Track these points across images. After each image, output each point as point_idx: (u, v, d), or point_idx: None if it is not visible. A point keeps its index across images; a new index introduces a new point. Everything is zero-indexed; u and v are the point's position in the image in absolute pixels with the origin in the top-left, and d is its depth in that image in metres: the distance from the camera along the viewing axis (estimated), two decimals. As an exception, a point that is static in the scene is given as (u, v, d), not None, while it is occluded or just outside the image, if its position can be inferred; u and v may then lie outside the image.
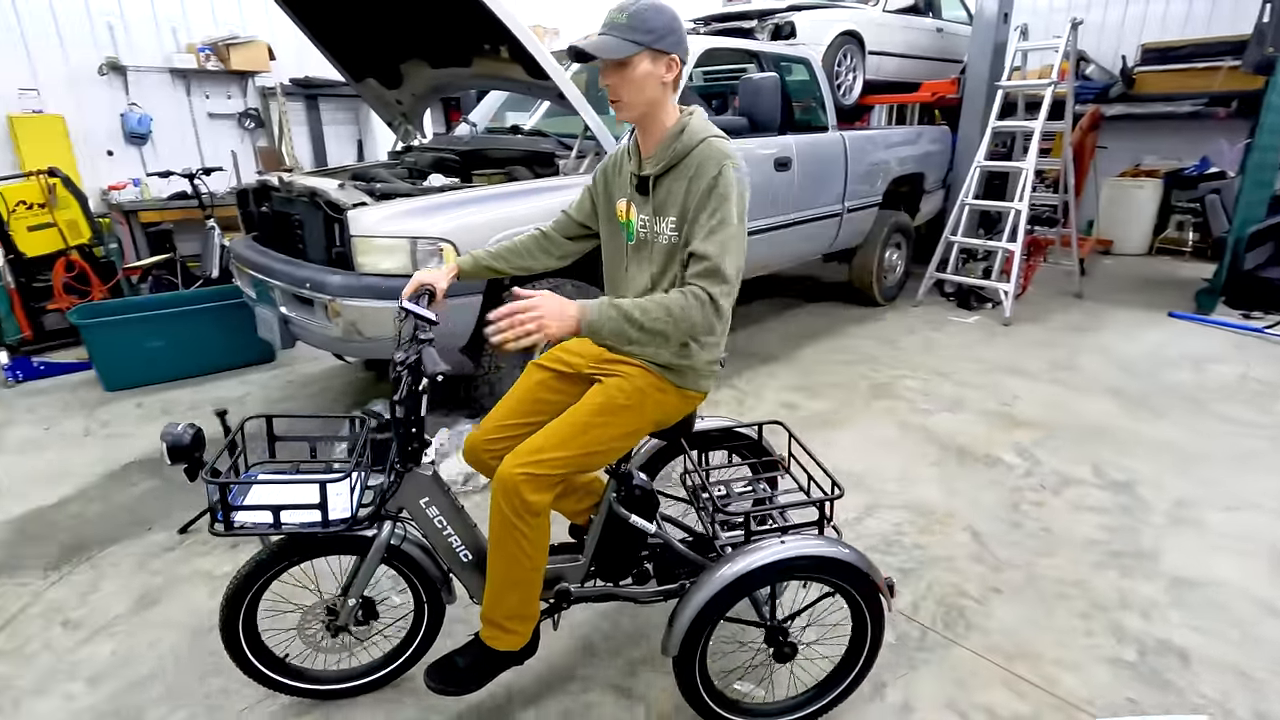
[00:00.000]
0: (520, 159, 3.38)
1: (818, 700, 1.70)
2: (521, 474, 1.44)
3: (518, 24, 2.69)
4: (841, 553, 1.56)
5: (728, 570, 1.51)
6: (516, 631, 1.58)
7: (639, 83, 1.47)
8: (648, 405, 1.56)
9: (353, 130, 7.01)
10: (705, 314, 1.41)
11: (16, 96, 5.18)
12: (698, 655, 1.57)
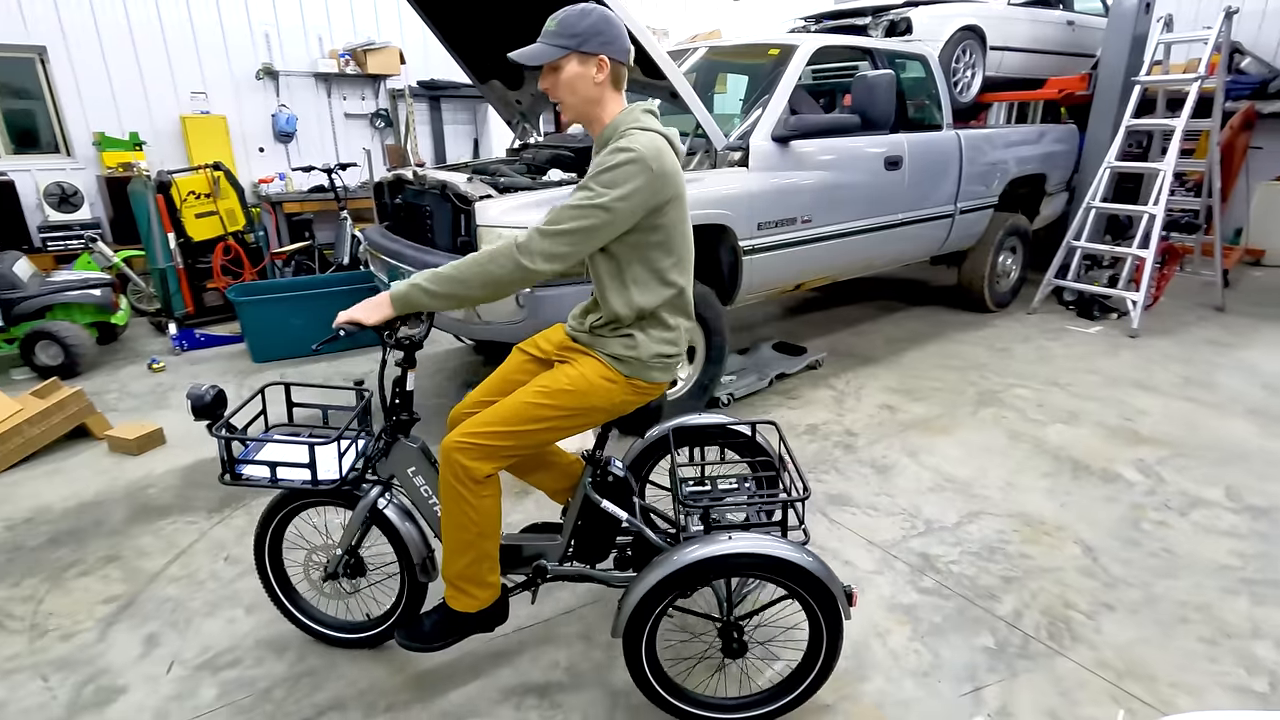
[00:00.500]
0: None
1: (767, 704, 1.68)
2: (460, 443, 1.55)
3: (640, 28, 2.80)
4: (793, 555, 1.53)
5: (673, 560, 1.54)
6: (472, 595, 1.68)
7: (570, 84, 1.55)
8: (592, 392, 1.60)
9: (470, 129, 7.42)
10: (509, 263, 1.46)
11: (189, 99, 5.85)
12: (644, 640, 1.61)
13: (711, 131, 3.17)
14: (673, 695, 1.68)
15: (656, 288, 1.59)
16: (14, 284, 3.99)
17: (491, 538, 1.65)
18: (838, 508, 2.65)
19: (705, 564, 1.52)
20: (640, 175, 1.45)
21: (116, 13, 5.50)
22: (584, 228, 1.46)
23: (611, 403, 1.63)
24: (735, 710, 1.69)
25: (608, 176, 1.46)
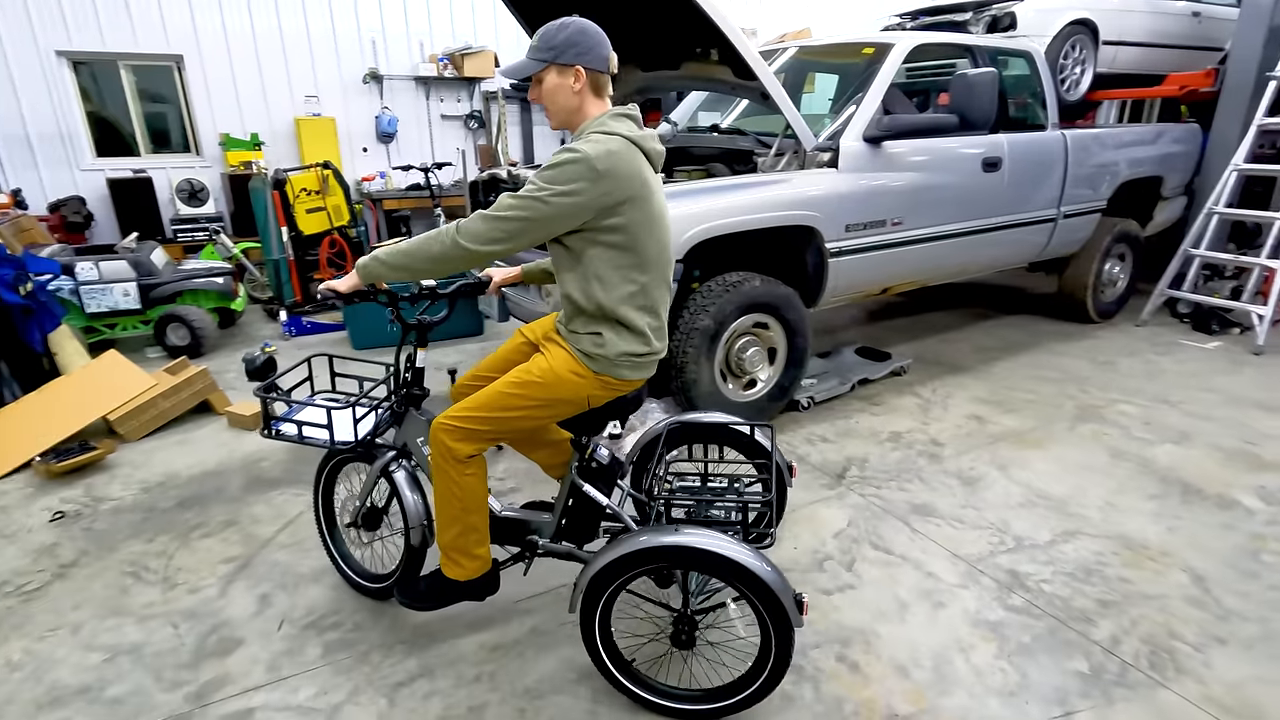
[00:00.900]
0: (719, 156, 3.53)
1: (714, 700, 1.70)
2: (445, 424, 1.69)
3: (733, 30, 2.82)
4: (739, 555, 1.53)
5: (621, 544, 1.60)
6: (460, 564, 1.81)
7: (551, 93, 1.65)
8: (560, 385, 1.68)
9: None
10: (448, 241, 1.58)
11: (303, 102, 6.27)
12: (598, 618, 1.68)
13: (801, 132, 3.15)
14: (625, 675, 1.74)
15: (618, 285, 1.63)
16: (151, 271, 4.40)
17: (476, 512, 1.77)
18: (921, 518, 2.58)
19: (649, 551, 1.57)
20: (581, 176, 1.51)
21: (243, 23, 5.97)
22: (519, 218, 1.53)
23: (579, 396, 1.71)
24: (681, 700, 1.73)
25: (550, 174, 1.53)
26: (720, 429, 2.04)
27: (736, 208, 2.99)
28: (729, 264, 3.21)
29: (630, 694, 1.75)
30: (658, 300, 1.70)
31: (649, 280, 1.66)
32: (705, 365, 3.04)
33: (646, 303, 1.68)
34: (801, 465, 2.98)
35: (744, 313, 3.10)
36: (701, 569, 1.60)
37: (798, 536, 2.47)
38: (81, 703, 1.80)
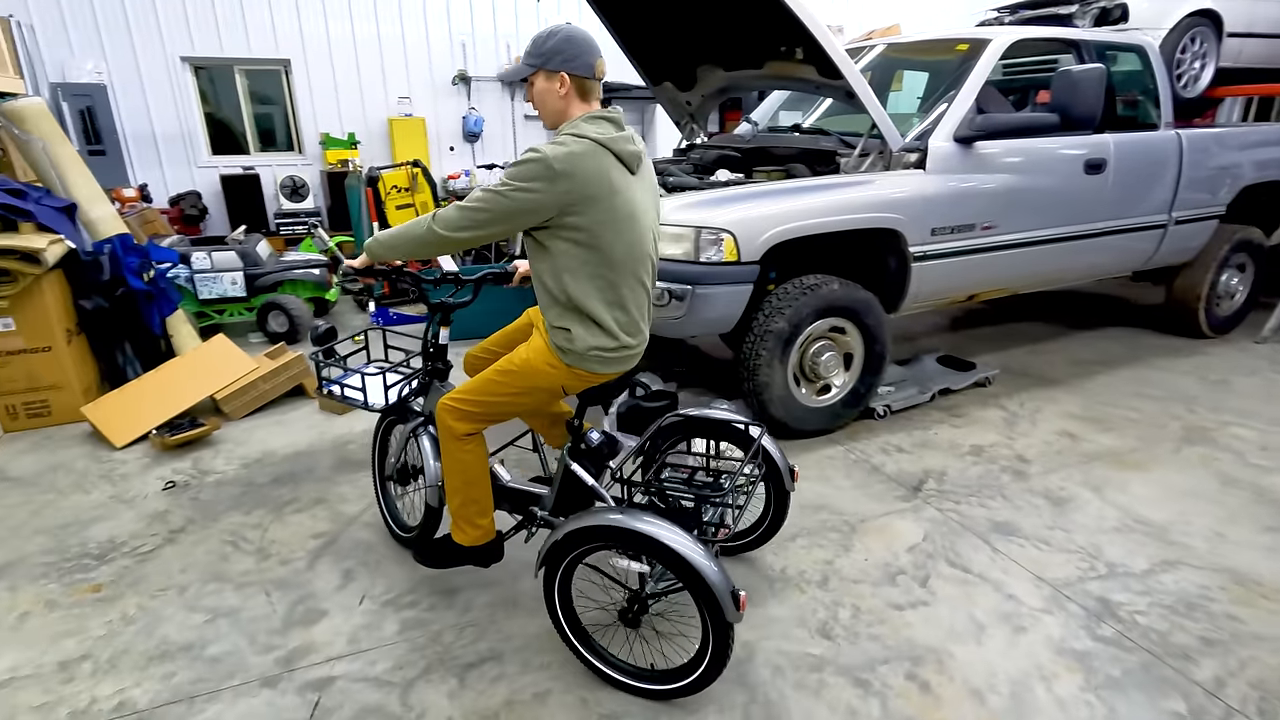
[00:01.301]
0: (800, 156, 3.47)
1: (656, 681, 1.78)
2: (445, 405, 1.88)
3: (820, 28, 2.77)
4: (677, 544, 1.60)
5: (577, 519, 1.73)
6: (464, 531, 1.99)
7: (540, 97, 1.76)
8: (536, 374, 1.82)
9: (637, 129, 7.67)
10: (424, 226, 1.75)
11: (396, 103, 6.57)
12: (557, 584, 1.82)
13: (887, 131, 3.05)
14: (581, 643, 1.86)
15: (585, 279, 1.72)
16: (257, 262, 4.72)
17: (476, 485, 1.95)
18: (1003, 537, 2.46)
19: (595, 529, 1.68)
20: (539, 175, 1.61)
21: (345, 28, 6.31)
22: (485, 209, 1.66)
23: (554, 384, 1.85)
24: (629, 675, 1.82)
25: (514, 170, 1.65)
26: (721, 425, 2.11)
27: (816, 209, 2.93)
28: (806, 266, 3.15)
29: (584, 660, 1.86)
30: (627, 297, 1.76)
31: (617, 277, 1.73)
32: (778, 369, 3.00)
33: (614, 298, 1.74)
34: (875, 475, 2.89)
35: (820, 316, 3.04)
36: (641, 552, 1.68)
37: (869, 548, 2.41)
38: (185, 659, 1.96)
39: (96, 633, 2.06)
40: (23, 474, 3.00)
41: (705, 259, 2.83)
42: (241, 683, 1.87)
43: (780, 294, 2.99)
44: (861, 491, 2.77)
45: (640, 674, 1.81)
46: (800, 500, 2.71)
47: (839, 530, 2.52)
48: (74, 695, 1.83)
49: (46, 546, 2.47)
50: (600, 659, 1.85)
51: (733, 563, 2.33)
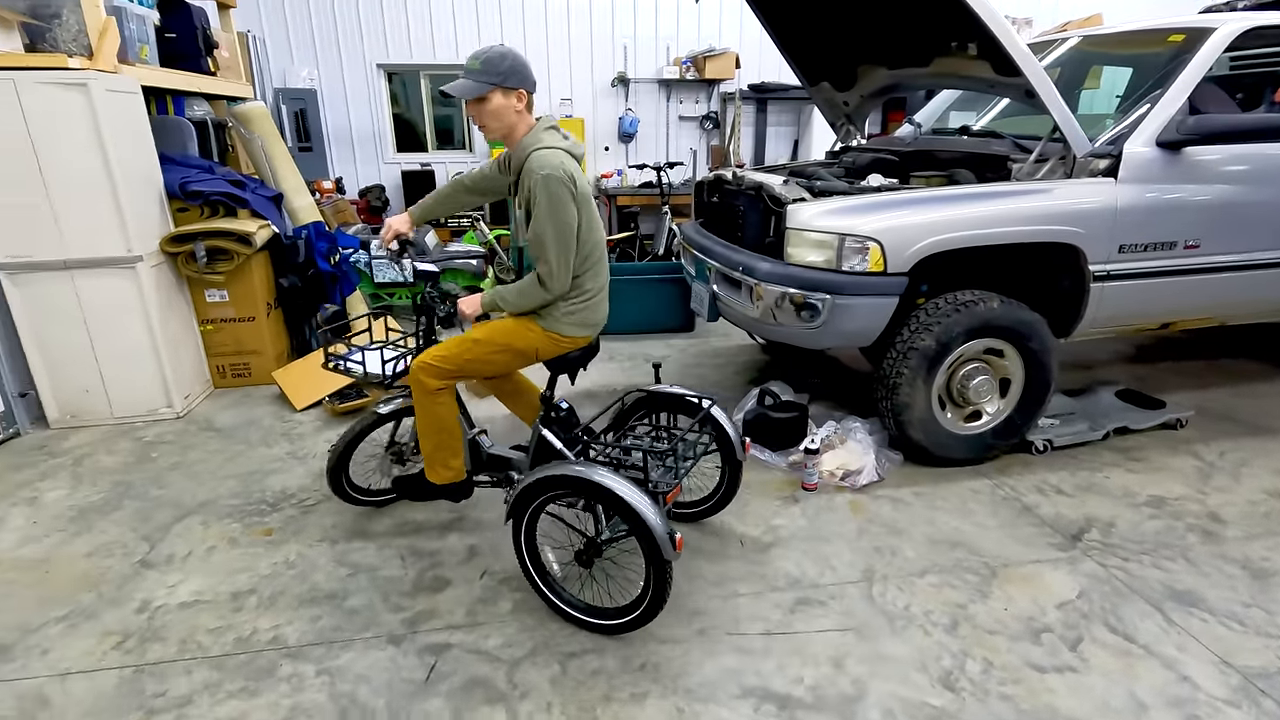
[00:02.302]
0: (966, 161, 3.20)
1: (604, 617, 2.02)
2: (420, 363, 2.14)
3: (998, 21, 2.52)
4: (622, 491, 1.84)
5: (542, 470, 1.95)
6: (437, 470, 2.30)
7: (496, 113, 2.00)
8: (514, 337, 2.14)
9: (791, 131, 7.47)
10: (535, 288, 2.06)
11: (558, 104, 6.88)
12: (524, 527, 2.07)
13: (1072, 135, 2.73)
14: (542, 580, 2.11)
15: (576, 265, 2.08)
16: (424, 250, 5.15)
17: (445, 432, 2.24)
18: (1181, 607, 2.12)
19: (555, 479, 1.92)
20: (570, 193, 1.96)
21: (518, 33, 6.71)
22: (567, 242, 2.00)
23: (529, 346, 2.15)
24: (580, 611, 2.06)
25: (555, 199, 1.93)
26: (678, 400, 2.40)
27: (979, 219, 2.69)
28: (963, 281, 2.90)
29: (545, 598, 2.10)
30: (601, 272, 2.15)
31: (596, 256, 2.12)
32: (921, 389, 2.79)
33: (594, 272, 2.12)
34: (1026, 517, 2.61)
35: (975, 336, 2.78)
36: (593, 499, 1.95)
37: (1011, 598, 2.17)
38: (329, 606, 2.17)
39: (264, 571, 2.34)
40: (224, 425, 3.49)
41: (848, 268, 2.69)
42: (372, 636, 2.04)
43: (930, 309, 2.78)
44: (1007, 533, 2.51)
45: (592, 610, 2.05)
46: (932, 533, 2.51)
47: (976, 573, 2.29)
48: (240, 624, 2.10)
49: (234, 490, 2.86)
50: (558, 597, 2.09)
51: (848, 600, 2.20)
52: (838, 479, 2.82)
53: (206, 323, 3.84)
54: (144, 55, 3.66)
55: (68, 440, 3.31)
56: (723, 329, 4.93)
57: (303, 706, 1.80)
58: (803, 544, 2.46)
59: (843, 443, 2.94)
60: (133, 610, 2.15)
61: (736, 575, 2.30)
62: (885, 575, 2.29)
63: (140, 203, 3.34)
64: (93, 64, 3.14)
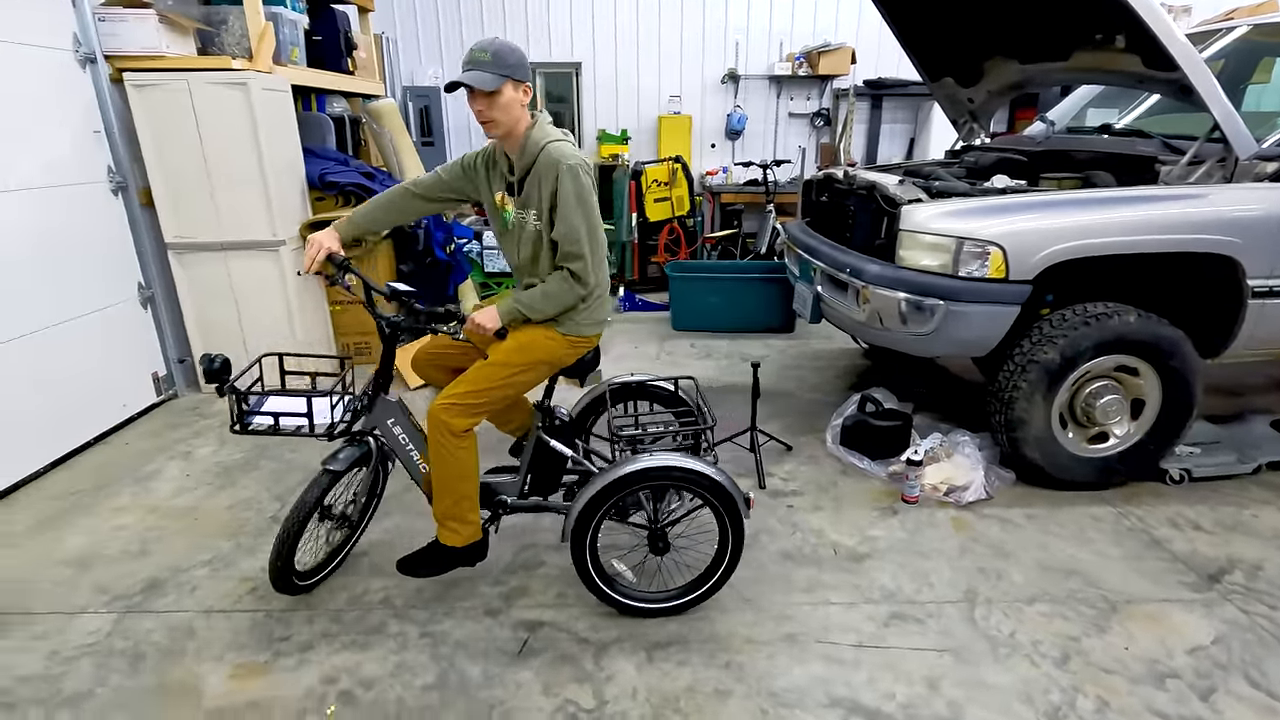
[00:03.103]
0: (1105, 162, 2.96)
1: (680, 597, 2.07)
2: (444, 405, 1.92)
3: (1151, 9, 2.32)
4: (701, 466, 1.92)
5: (609, 473, 1.92)
6: (456, 531, 2.05)
7: (506, 106, 1.86)
8: (539, 349, 2.00)
9: (908, 128, 7.15)
10: (570, 287, 1.95)
11: (667, 101, 6.93)
12: (587, 542, 1.98)
13: (1235, 135, 2.47)
14: (609, 588, 2.06)
15: None
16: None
17: (470, 480, 2.02)
18: (1340, 667, 1.88)
19: (633, 475, 1.91)
20: (589, 181, 1.93)
21: (631, 32, 6.80)
22: (597, 230, 1.97)
23: (554, 356, 2.03)
24: (656, 601, 2.07)
25: (580, 188, 1.89)
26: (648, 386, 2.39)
27: (1118, 226, 2.49)
28: (1094, 291, 2.69)
29: (616, 604, 2.07)
30: (603, 265, 2.04)
31: (601, 249, 2.02)
32: (1040, 405, 2.62)
33: (597, 262, 2.00)
34: (1155, 551, 2.39)
35: (1106, 352, 2.58)
36: (676, 483, 1.95)
37: (1133, 636, 2.00)
38: (433, 574, 2.31)
39: (374, 538, 2.51)
40: (346, 399, 3.77)
41: (965, 273, 2.56)
42: (471, 606, 2.15)
43: (1055, 320, 2.60)
44: (1132, 566, 2.31)
45: (668, 596, 2.08)
46: (1045, 559, 2.35)
47: (1093, 605, 2.13)
48: (354, 584, 2.27)
49: (353, 459, 3.08)
50: (627, 597, 2.08)
51: (946, 620, 2.11)
52: (941, 493, 2.70)
53: (335, 304, 4.15)
54: (294, 57, 3.99)
55: (217, 404, 3.69)
56: (824, 331, 4.81)
57: (407, 664, 1.93)
58: (900, 557, 2.38)
59: (949, 456, 2.81)
60: (265, 561, 2.38)
61: (829, 583, 2.25)
62: (989, 598, 2.17)
63: (285, 192, 3.66)
64: (252, 65, 3.47)
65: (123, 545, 2.47)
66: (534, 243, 1.99)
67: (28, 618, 2.10)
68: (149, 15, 3.25)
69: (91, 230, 3.27)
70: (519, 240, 2.02)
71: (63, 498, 2.79)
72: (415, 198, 2.12)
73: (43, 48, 3.00)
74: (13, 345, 2.83)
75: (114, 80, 3.32)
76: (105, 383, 3.32)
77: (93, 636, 2.03)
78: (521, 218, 1.98)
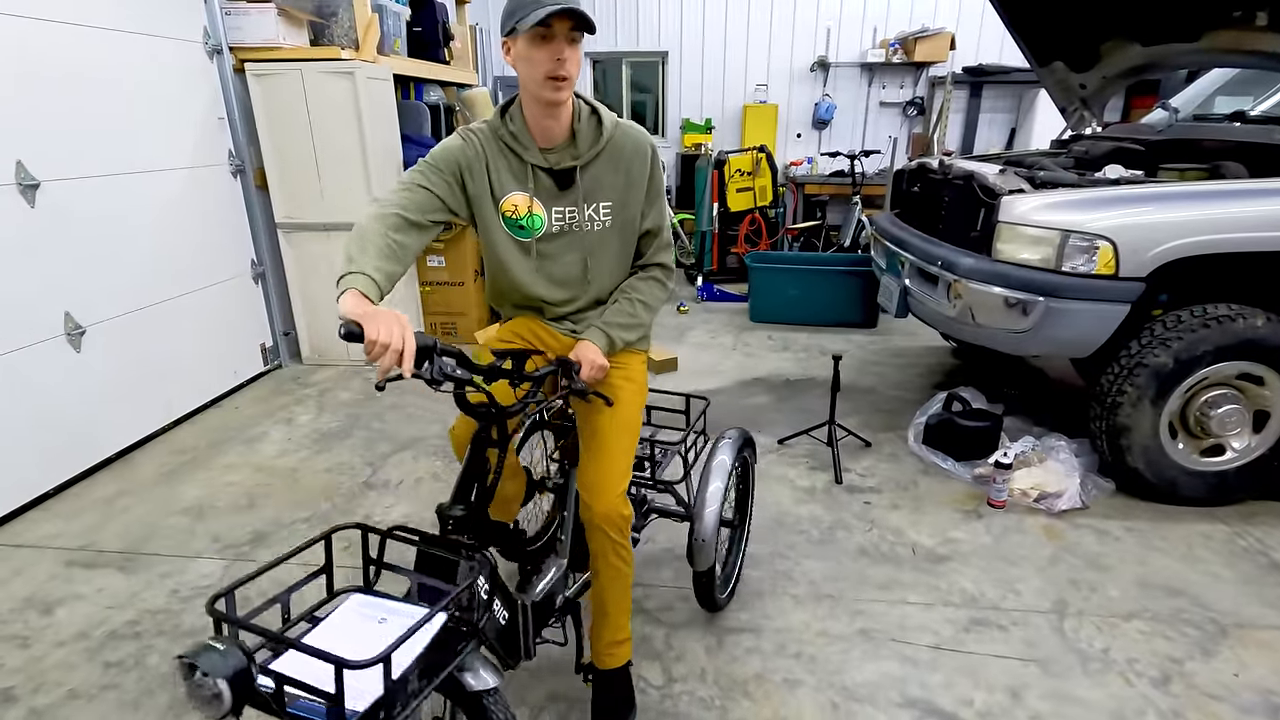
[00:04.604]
0: (1236, 152, 2.72)
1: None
2: (615, 498, 1.46)
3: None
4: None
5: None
6: (624, 647, 1.62)
7: (579, 63, 1.40)
8: (640, 376, 1.64)
9: (1008, 118, 6.79)
10: (664, 287, 1.63)
11: (753, 90, 6.83)
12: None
13: (1396, 122, 2.22)
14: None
15: None
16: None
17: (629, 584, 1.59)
18: None
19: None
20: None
21: (719, 19, 6.73)
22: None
23: (645, 375, 1.68)
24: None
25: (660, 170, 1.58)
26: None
27: (1248, 221, 2.29)
28: (1214, 292, 2.49)
29: None
30: None
31: None
32: (1148, 411, 2.45)
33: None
34: (1275, 576, 2.21)
35: (1228, 357, 2.39)
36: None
37: (1244, 663, 1.86)
38: (511, 545, 2.39)
39: (458, 506, 2.63)
40: (433, 375, 3.93)
41: (1069, 268, 2.42)
42: (546, 578, 2.22)
43: (1170, 321, 2.42)
44: (1247, 589, 2.14)
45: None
46: (1145, 575, 2.21)
47: (1199, 627, 1.99)
48: (438, 548, 2.38)
49: (438, 433, 3.22)
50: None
51: (1032, 630, 2.01)
52: (1031, 499, 2.57)
53: (425, 284, 4.34)
54: (396, 47, 4.18)
55: (315, 375, 3.93)
56: (908, 328, 4.65)
57: (485, 628, 2.01)
58: (983, 562, 2.28)
59: (1041, 461, 2.67)
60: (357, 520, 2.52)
61: (906, 582, 2.19)
62: (1081, 611, 2.06)
63: (384, 176, 3.84)
64: (358, 55, 3.65)
65: (232, 499, 2.68)
66: (597, 246, 1.55)
67: (153, 559, 2.32)
68: (269, 9, 3.47)
69: (214, 210, 3.54)
70: (565, 248, 1.54)
71: (182, 453, 3.05)
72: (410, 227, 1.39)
73: (177, 40, 3.26)
74: (144, 313, 3.11)
75: (236, 70, 3.58)
76: (221, 351, 3.60)
77: (207, 579, 2.22)
78: (577, 216, 1.52)
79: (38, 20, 2.59)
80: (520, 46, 1.36)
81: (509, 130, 1.48)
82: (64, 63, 2.70)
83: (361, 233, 1.32)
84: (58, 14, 2.67)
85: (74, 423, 2.78)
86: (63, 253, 2.72)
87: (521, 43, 1.35)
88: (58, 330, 2.71)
